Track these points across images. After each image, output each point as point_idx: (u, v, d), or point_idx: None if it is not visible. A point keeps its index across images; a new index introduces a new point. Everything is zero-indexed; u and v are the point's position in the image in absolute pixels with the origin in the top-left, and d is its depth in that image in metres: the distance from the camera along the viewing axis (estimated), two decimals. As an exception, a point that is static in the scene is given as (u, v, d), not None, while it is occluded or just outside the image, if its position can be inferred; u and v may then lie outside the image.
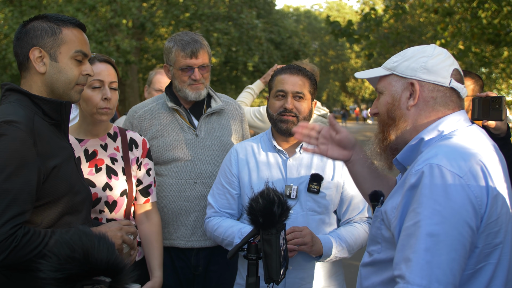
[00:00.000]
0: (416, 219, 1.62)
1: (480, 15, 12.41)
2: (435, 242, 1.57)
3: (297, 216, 2.74)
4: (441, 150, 1.72)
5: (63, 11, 14.68)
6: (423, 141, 1.85)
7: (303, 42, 23.38)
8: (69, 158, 2.19)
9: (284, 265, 2.15)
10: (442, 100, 1.87)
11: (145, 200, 2.93)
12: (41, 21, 2.15)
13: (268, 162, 2.85)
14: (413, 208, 1.65)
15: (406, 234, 1.64)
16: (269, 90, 2.89)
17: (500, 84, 27.07)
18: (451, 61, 1.91)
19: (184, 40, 3.18)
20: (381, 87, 1.97)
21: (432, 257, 1.56)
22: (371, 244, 1.92)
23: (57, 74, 2.14)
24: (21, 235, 1.93)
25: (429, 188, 1.63)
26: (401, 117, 1.90)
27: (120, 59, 15.46)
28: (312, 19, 51.00)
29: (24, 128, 1.97)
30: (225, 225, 2.82)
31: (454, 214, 1.59)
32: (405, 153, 1.90)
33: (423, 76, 1.86)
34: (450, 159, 1.67)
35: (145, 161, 2.94)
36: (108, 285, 1.49)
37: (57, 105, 2.14)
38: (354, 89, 56.46)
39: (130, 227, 2.41)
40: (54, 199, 2.08)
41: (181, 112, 3.28)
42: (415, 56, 1.90)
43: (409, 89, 1.88)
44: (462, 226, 1.59)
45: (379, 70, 1.99)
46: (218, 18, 18.95)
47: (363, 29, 12.28)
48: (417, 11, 21.27)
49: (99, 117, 2.70)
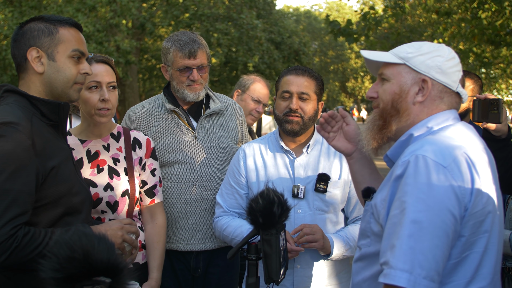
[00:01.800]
0: (401, 207, 1.65)
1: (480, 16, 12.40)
2: (418, 228, 1.60)
3: (305, 215, 2.77)
4: (426, 142, 1.75)
5: (63, 11, 14.68)
6: (412, 137, 1.87)
7: (303, 42, 23.39)
8: (67, 159, 2.19)
9: (284, 265, 2.15)
10: (448, 100, 1.90)
11: (150, 201, 2.92)
12: (38, 22, 2.15)
13: (276, 162, 2.87)
14: (398, 197, 1.69)
15: (392, 222, 1.68)
16: (276, 92, 2.92)
17: (500, 84, 27.06)
18: (460, 67, 1.94)
19: (182, 40, 3.15)
20: (389, 74, 1.94)
21: (415, 243, 1.59)
22: (361, 238, 1.95)
23: (55, 73, 2.14)
24: (22, 235, 1.93)
25: (413, 177, 1.66)
26: (405, 110, 1.90)
27: (120, 59, 15.45)
28: (312, 19, 51.00)
29: (22, 129, 1.97)
30: (234, 224, 2.84)
31: (437, 202, 1.63)
32: (395, 149, 1.92)
33: (436, 75, 1.87)
34: (434, 150, 1.70)
35: (149, 161, 2.92)
36: (108, 285, 1.48)
37: (55, 106, 2.14)
38: (354, 89, 56.42)
39: (132, 227, 2.41)
40: (53, 200, 2.08)
41: (180, 113, 3.24)
42: (431, 53, 1.89)
43: (419, 84, 1.88)
44: (445, 214, 1.62)
45: (389, 55, 1.96)
46: (218, 19, 18.95)
47: (361, 27, 12.28)
48: (417, 11, 21.26)
49: (99, 118, 2.69)
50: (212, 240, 3.23)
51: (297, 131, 2.80)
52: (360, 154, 2.27)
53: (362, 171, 2.28)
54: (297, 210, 2.76)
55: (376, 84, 2.02)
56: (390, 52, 1.98)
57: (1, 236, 1.88)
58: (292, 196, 2.77)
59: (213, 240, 3.23)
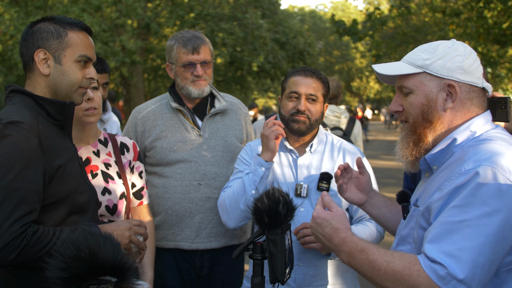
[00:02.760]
0: (463, 217, 1.62)
1: (486, 15, 12.36)
2: (482, 242, 1.60)
3: (307, 214, 2.77)
4: (490, 152, 1.70)
5: (68, 11, 14.72)
6: (455, 141, 1.83)
7: (308, 42, 23.37)
8: (73, 158, 2.20)
9: (289, 265, 2.15)
10: (477, 101, 1.86)
11: (138, 203, 2.93)
12: (48, 23, 2.16)
13: (279, 160, 2.88)
14: (458, 204, 1.65)
15: (447, 229, 1.64)
16: (282, 92, 2.91)
17: (506, 84, 26.97)
18: (479, 60, 1.89)
19: (185, 37, 3.17)
20: (410, 85, 1.88)
21: (478, 256, 1.59)
22: (401, 244, 1.91)
23: (60, 76, 2.15)
24: (31, 233, 1.94)
25: (480, 189, 1.63)
26: (438, 119, 1.85)
27: (125, 59, 15.49)
28: (317, 19, 50.96)
29: (29, 128, 1.98)
30: (232, 185, 2.84)
31: (502, 217, 1.61)
32: (437, 153, 1.86)
33: (460, 77, 1.82)
34: (501, 162, 1.66)
35: (136, 164, 2.95)
36: (114, 285, 1.49)
37: (61, 106, 2.15)
38: (359, 89, 56.34)
39: (140, 228, 2.41)
40: (60, 198, 2.09)
41: (185, 112, 3.25)
42: (448, 54, 1.84)
43: (445, 90, 1.83)
44: (507, 230, 1.62)
45: (405, 66, 1.90)
46: (223, 18, 18.96)
47: (368, 28, 12.28)
48: (423, 11, 21.21)
49: (87, 119, 2.71)
50: (218, 239, 3.23)
51: (304, 131, 2.80)
52: (371, 199, 2.27)
53: (381, 213, 2.28)
54: (300, 208, 2.76)
55: (397, 96, 1.95)
56: (404, 61, 1.92)
57: (10, 234, 1.89)
58: (295, 195, 2.78)
59: (218, 239, 3.23)
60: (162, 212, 3.22)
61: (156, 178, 3.23)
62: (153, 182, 3.23)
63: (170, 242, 3.22)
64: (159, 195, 3.21)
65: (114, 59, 14.97)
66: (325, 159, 2.87)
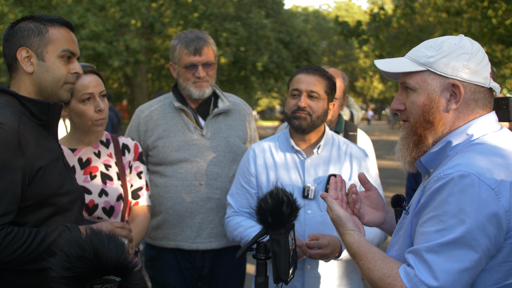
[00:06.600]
0: (439, 226, 1.59)
1: (490, 15, 12.33)
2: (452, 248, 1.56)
3: (315, 216, 2.76)
4: (473, 157, 1.63)
5: (72, 11, 14.75)
6: (450, 144, 1.75)
7: (312, 42, 23.35)
8: (57, 159, 2.17)
9: (293, 265, 2.15)
10: (482, 102, 1.77)
11: (134, 203, 2.89)
12: (28, 21, 2.16)
13: (286, 162, 2.87)
14: (435, 214, 1.61)
15: (424, 239, 1.62)
16: (288, 91, 2.93)
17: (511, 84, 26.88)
18: (487, 58, 1.79)
19: (188, 37, 3.16)
20: (413, 83, 1.79)
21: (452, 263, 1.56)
22: (390, 250, 1.88)
23: (44, 73, 2.14)
24: (3, 235, 1.92)
25: (458, 197, 1.57)
26: (440, 120, 1.76)
27: (129, 58, 15.51)
28: (321, 19, 50.94)
29: (8, 129, 1.96)
30: (245, 224, 2.83)
31: (478, 226, 1.56)
32: (431, 156, 1.80)
33: (465, 77, 1.72)
34: (483, 168, 1.59)
35: (135, 164, 2.92)
36: (117, 284, 1.49)
37: (45, 106, 2.14)
38: (363, 89, 56.30)
39: (123, 230, 2.38)
40: (41, 200, 2.07)
41: (188, 112, 3.25)
42: (454, 52, 1.74)
43: (449, 90, 1.74)
44: (482, 238, 1.56)
45: (408, 63, 1.81)
46: (227, 18, 18.96)
47: (372, 29, 12.26)
48: (427, 10, 21.16)
49: (95, 128, 2.72)
50: (218, 239, 3.23)
51: (305, 128, 2.78)
52: (388, 214, 2.13)
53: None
54: (307, 210, 2.75)
55: (399, 94, 1.86)
56: (408, 58, 1.84)
57: None
58: (302, 197, 2.76)
59: (219, 239, 3.23)
60: (163, 211, 3.22)
61: (158, 177, 3.24)
62: (155, 182, 3.23)
63: (171, 241, 3.23)
64: (160, 194, 3.22)
65: (118, 59, 15.00)
66: (332, 160, 2.86)
